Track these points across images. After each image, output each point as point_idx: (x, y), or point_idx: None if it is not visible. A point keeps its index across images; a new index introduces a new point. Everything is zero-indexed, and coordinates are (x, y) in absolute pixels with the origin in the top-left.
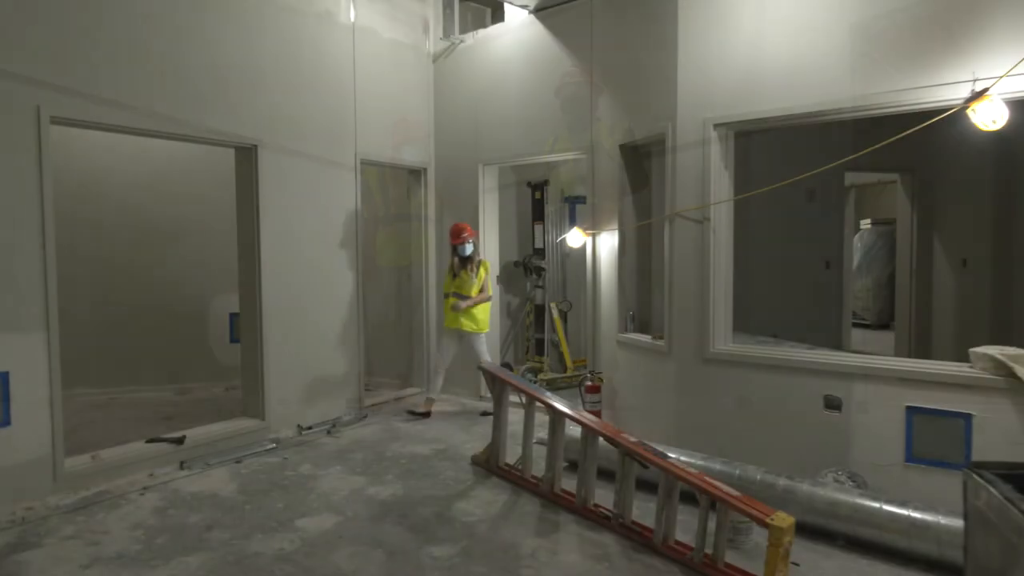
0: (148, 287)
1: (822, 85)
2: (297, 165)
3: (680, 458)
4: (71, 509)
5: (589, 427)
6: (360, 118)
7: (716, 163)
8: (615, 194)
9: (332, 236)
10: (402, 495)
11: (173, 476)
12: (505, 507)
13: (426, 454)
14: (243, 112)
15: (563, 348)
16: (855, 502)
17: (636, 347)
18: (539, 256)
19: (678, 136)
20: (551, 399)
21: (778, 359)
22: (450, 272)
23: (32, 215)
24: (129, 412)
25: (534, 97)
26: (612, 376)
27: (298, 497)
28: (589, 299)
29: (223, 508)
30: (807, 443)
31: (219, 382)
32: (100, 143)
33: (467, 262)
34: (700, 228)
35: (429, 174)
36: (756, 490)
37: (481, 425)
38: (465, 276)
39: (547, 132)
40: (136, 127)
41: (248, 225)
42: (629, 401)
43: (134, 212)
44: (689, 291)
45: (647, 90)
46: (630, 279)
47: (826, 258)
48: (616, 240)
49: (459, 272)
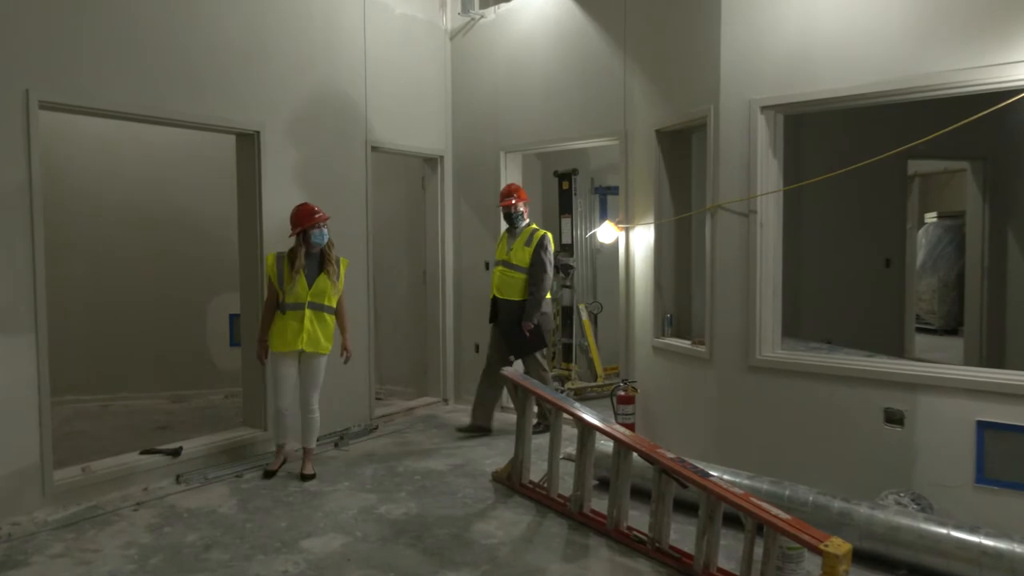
0: (143, 286)
1: (882, 63)
2: (303, 153)
3: (723, 477)
4: (60, 525)
5: (622, 441)
6: (371, 101)
7: (763, 149)
8: (651, 184)
9: (341, 230)
10: (416, 514)
11: (169, 491)
12: (529, 529)
13: (442, 470)
14: (245, 95)
15: (593, 354)
16: (919, 527)
17: (674, 353)
18: (567, 253)
19: (721, 120)
20: (580, 410)
21: (832, 368)
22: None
23: (20, 207)
24: (122, 421)
25: (561, 77)
26: (647, 385)
27: (303, 515)
28: (622, 300)
29: (222, 526)
30: (865, 461)
31: (218, 389)
32: (90, 130)
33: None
34: (745, 221)
35: (446, 162)
36: (808, 513)
37: (503, 438)
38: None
39: (575, 116)
40: (130, 112)
41: (250, 219)
42: (666, 413)
43: (129, 205)
44: (733, 292)
45: (686, 69)
46: (667, 278)
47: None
48: (652, 235)
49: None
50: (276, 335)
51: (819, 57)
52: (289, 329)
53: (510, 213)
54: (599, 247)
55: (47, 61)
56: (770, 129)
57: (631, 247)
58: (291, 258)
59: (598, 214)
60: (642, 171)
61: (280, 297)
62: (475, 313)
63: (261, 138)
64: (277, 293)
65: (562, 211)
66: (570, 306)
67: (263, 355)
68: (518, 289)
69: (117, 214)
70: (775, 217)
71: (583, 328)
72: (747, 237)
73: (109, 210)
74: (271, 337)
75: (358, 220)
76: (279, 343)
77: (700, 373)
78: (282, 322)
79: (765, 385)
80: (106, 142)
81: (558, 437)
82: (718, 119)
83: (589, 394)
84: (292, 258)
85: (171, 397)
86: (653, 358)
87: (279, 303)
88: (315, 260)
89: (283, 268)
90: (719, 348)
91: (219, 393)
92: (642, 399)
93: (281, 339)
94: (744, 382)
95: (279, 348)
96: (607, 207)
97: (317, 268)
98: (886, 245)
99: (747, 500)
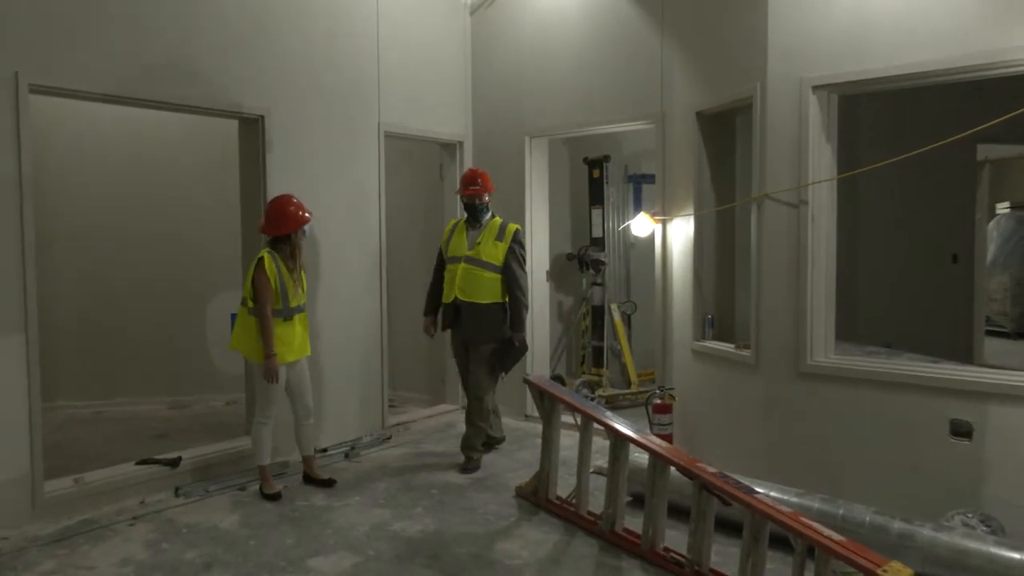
0: (139, 284)
1: (948, 37)
2: (310, 139)
3: (770, 494)
4: (52, 540)
5: (658, 454)
6: (384, 83)
7: (815, 133)
8: (690, 172)
9: (351, 223)
10: (433, 532)
11: (167, 504)
12: (556, 549)
13: (461, 483)
14: (247, 77)
15: (626, 359)
16: (989, 551)
17: (716, 358)
18: (597, 247)
19: (768, 101)
20: (612, 420)
21: (892, 374)
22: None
23: (8, 198)
24: (117, 428)
25: (592, 55)
26: (686, 393)
27: (311, 532)
28: (658, 299)
29: (224, 543)
30: (928, 478)
31: (219, 395)
32: (86, 116)
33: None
34: (795, 213)
35: (465, 148)
36: (864, 535)
37: (527, 450)
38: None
39: (607, 97)
40: (127, 96)
41: (253, 211)
42: (707, 424)
43: (122, 195)
44: (781, 290)
45: (731, 45)
46: (708, 275)
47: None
48: (691, 228)
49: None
50: (284, 345)
51: (877, 31)
52: (296, 336)
53: (474, 204)
54: (633, 241)
55: (38, 42)
56: (823, 110)
57: (668, 241)
58: (288, 257)
59: (632, 205)
60: (681, 157)
61: (277, 303)
62: None
63: (265, 123)
64: (274, 298)
65: (592, 201)
66: (601, 306)
67: (276, 373)
68: (487, 291)
69: (109, 205)
70: (828, 208)
71: (615, 330)
72: (797, 230)
73: (100, 201)
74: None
75: (370, 213)
76: (287, 353)
77: (745, 380)
78: (287, 329)
79: (817, 393)
80: (95, 128)
81: (588, 449)
82: (765, 100)
83: (622, 402)
84: (289, 257)
85: (169, 403)
86: (692, 363)
87: (277, 310)
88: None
89: (282, 270)
90: (766, 352)
91: (220, 399)
92: (680, 408)
93: (288, 348)
94: (794, 390)
95: (288, 359)
96: (642, 197)
97: (295, 263)
98: (952, 239)
99: (796, 519)
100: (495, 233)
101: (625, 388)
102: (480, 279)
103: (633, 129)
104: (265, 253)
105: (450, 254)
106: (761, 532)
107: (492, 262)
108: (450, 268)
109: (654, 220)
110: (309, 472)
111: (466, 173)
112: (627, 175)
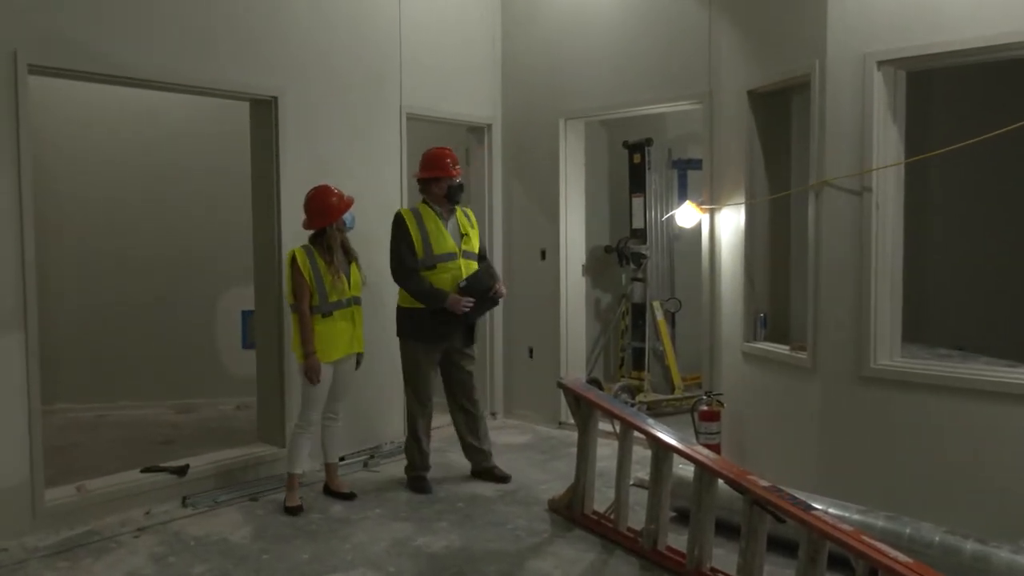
0: (143, 278)
1: None
2: (327, 122)
3: (828, 510)
4: (52, 552)
5: (705, 466)
6: (407, 61)
7: (881, 113)
8: (741, 157)
9: (371, 211)
10: (459, 548)
11: (174, 515)
12: (592, 568)
13: (489, 496)
14: (261, 56)
15: (669, 361)
16: None
17: (769, 361)
18: (638, 239)
19: (828, 78)
20: (654, 428)
21: (966, 380)
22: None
23: (6, 185)
24: (121, 433)
25: (633, 29)
26: (736, 399)
27: (328, 547)
28: (705, 297)
29: (235, 557)
30: (1007, 495)
31: (229, 398)
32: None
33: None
34: (858, 201)
35: (494, 131)
36: (933, 556)
37: (561, 460)
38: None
39: (650, 75)
40: (132, 77)
41: (266, 200)
42: (759, 433)
43: (125, 185)
44: (842, 286)
45: (786, 17)
46: (761, 270)
47: None
48: (742, 218)
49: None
50: (325, 343)
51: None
52: (342, 332)
53: (460, 186)
54: (677, 232)
55: (37, 18)
56: (889, 89)
57: (716, 232)
58: (326, 251)
59: (676, 193)
60: (731, 141)
61: (314, 299)
62: (529, 311)
63: (279, 105)
64: (311, 296)
65: (633, 189)
66: (642, 303)
67: (318, 372)
68: None
69: (112, 196)
70: (895, 195)
71: (657, 330)
72: (860, 220)
73: (102, 191)
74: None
75: (391, 201)
76: (331, 351)
77: (801, 385)
78: (329, 326)
79: (881, 400)
80: (95, 111)
81: (628, 460)
82: (825, 77)
83: (665, 409)
84: (328, 251)
85: (176, 407)
86: (743, 366)
87: (315, 306)
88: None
89: (318, 264)
90: (824, 355)
91: (230, 403)
92: (729, 415)
93: (333, 346)
94: (855, 396)
95: (333, 357)
96: (687, 184)
97: (344, 257)
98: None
99: (858, 539)
100: (471, 220)
101: (668, 393)
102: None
103: (678, 110)
104: (297, 250)
105: (438, 251)
106: (819, 552)
107: (476, 253)
108: (444, 268)
109: (701, 209)
110: (330, 483)
111: (437, 151)
112: (671, 160)
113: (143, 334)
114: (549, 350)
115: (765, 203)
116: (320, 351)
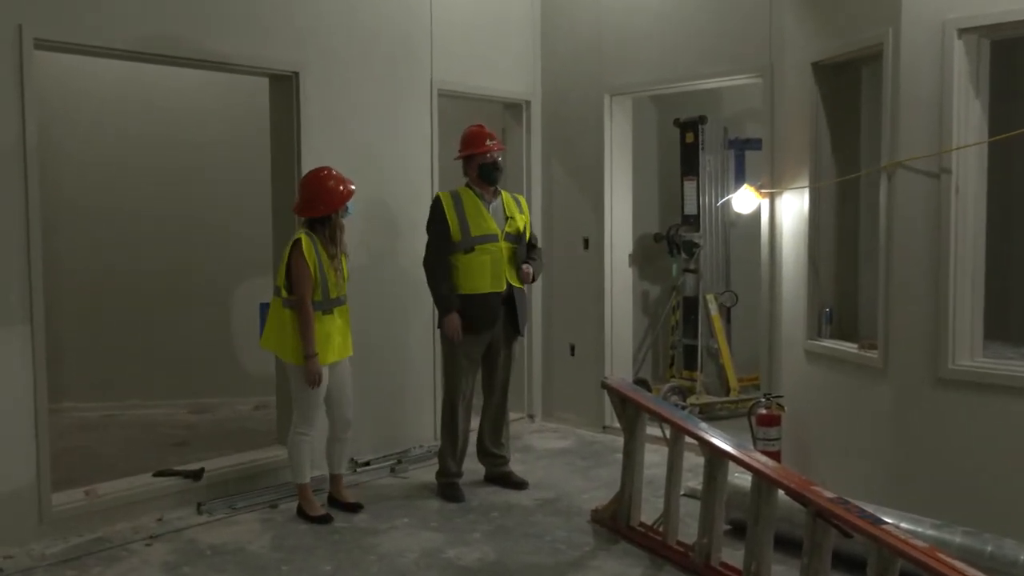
0: (156, 270)
1: None
2: (352, 99)
3: (900, 524)
4: (60, 560)
5: (763, 475)
6: (437, 33)
7: (962, 88)
8: (804, 136)
9: (401, 195)
10: (494, 561)
11: (188, 522)
12: None
13: (527, 505)
14: (280, 29)
15: (724, 360)
16: None
17: (834, 360)
18: (690, 227)
19: (903, 48)
20: (707, 433)
21: None
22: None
23: (11, 170)
24: (132, 434)
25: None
26: (797, 402)
27: (352, 558)
28: (764, 290)
29: (252, 568)
30: None
31: (247, 397)
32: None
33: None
34: (935, 185)
35: (533, 109)
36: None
37: (606, 467)
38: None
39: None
40: (144, 51)
41: (285, 183)
42: (823, 439)
43: (136, 167)
44: (917, 279)
45: None
46: (826, 260)
47: None
48: (806, 203)
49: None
50: (324, 343)
51: None
52: (337, 332)
53: (498, 165)
54: (734, 219)
55: None
56: (971, 60)
57: (777, 219)
58: (328, 241)
59: (733, 175)
60: (793, 118)
61: (316, 294)
62: (569, 306)
63: (300, 80)
64: (313, 290)
65: (685, 172)
66: (695, 297)
67: (320, 375)
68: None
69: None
70: (977, 179)
71: (711, 325)
72: (937, 205)
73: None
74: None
75: (421, 184)
76: (329, 352)
77: (870, 387)
78: (327, 325)
79: (960, 404)
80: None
81: (678, 468)
82: (899, 47)
83: (719, 412)
84: (329, 241)
85: (190, 406)
86: (805, 366)
87: (316, 301)
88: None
89: (320, 255)
90: (897, 354)
91: (247, 402)
92: (791, 420)
93: (330, 346)
94: (931, 399)
95: (330, 359)
96: (745, 166)
97: (336, 248)
98: None
99: (933, 556)
100: (517, 203)
101: (723, 395)
102: (517, 258)
103: (735, 84)
104: (302, 235)
105: (476, 233)
106: (890, 570)
107: (519, 236)
108: (484, 250)
109: (760, 194)
110: (335, 492)
111: (475, 129)
112: (727, 140)
113: (155, 330)
114: (592, 347)
115: (831, 187)
116: (319, 352)
